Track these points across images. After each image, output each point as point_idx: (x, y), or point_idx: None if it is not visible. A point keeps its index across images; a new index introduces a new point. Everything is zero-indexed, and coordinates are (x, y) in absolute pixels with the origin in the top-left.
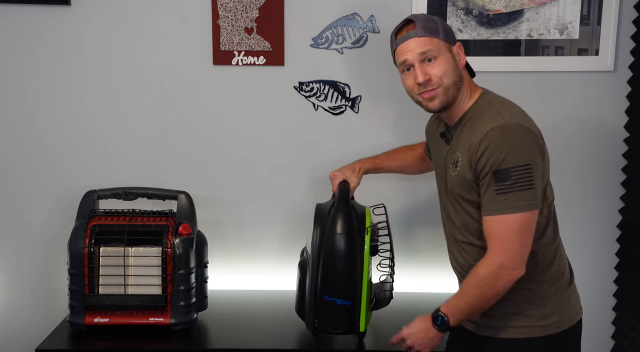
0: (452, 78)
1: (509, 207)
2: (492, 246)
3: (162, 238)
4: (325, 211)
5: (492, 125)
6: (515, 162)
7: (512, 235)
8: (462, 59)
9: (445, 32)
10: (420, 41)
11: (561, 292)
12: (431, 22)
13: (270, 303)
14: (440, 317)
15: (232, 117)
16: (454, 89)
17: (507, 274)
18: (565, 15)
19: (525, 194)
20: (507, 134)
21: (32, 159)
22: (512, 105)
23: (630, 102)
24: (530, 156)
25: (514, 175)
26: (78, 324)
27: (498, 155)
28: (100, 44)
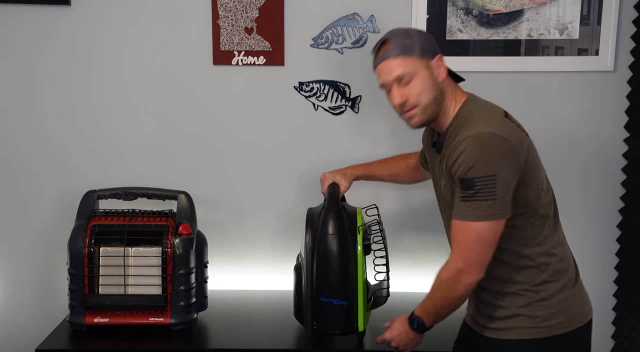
0: (430, 96)
1: (469, 215)
2: (453, 250)
3: (162, 238)
4: (316, 214)
5: (467, 134)
6: (479, 172)
7: (471, 242)
8: (442, 71)
9: (423, 47)
10: (396, 63)
11: (566, 292)
12: (406, 39)
13: (270, 303)
14: (416, 320)
15: (232, 117)
16: (433, 106)
17: (465, 278)
18: (565, 15)
19: (486, 205)
20: (477, 143)
21: (31, 159)
22: (492, 112)
23: (630, 102)
24: (496, 167)
25: (477, 185)
26: (78, 324)
27: (466, 164)
28: (100, 44)
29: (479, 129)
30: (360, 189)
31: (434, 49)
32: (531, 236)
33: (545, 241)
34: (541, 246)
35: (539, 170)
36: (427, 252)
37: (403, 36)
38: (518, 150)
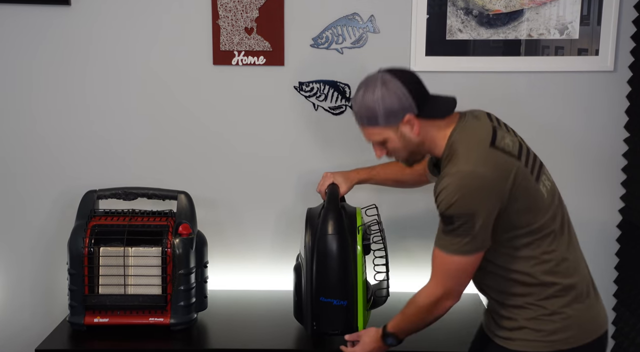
0: (406, 152)
1: (449, 248)
2: (433, 277)
3: (162, 238)
4: (315, 214)
5: (448, 171)
6: (458, 210)
7: (451, 273)
8: (415, 129)
9: (386, 116)
10: (365, 131)
11: (574, 307)
12: (369, 111)
13: (270, 303)
14: (390, 337)
15: (232, 117)
16: (413, 156)
17: (445, 303)
18: (565, 15)
19: (465, 240)
20: (456, 182)
21: (32, 159)
22: (475, 145)
23: (630, 102)
24: (475, 205)
25: (456, 222)
26: (78, 324)
27: (446, 202)
28: (101, 44)
29: (459, 166)
30: (360, 189)
31: (402, 109)
32: (531, 256)
33: (549, 258)
34: (544, 264)
35: (531, 192)
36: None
37: (363, 108)
38: (499, 185)
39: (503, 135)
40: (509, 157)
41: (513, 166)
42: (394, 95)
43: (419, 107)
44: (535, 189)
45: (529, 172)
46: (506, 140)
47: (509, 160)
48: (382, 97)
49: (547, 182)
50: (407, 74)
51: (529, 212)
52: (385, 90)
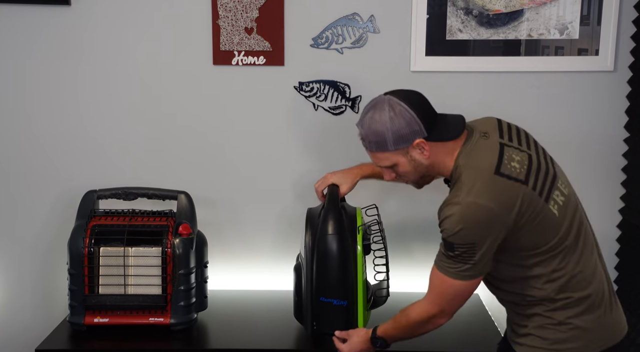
0: (416, 176)
1: (449, 271)
2: (429, 295)
3: (162, 238)
4: (316, 214)
5: (452, 200)
6: (460, 240)
7: (448, 295)
8: (425, 152)
9: (395, 140)
10: (374, 155)
11: (583, 318)
12: (377, 136)
13: (270, 303)
14: (380, 341)
15: (232, 117)
16: (424, 179)
17: (437, 321)
18: (565, 15)
19: (465, 267)
20: (459, 213)
21: (32, 159)
22: (479, 172)
23: (630, 102)
24: (477, 235)
25: (457, 250)
26: (78, 324)
27: (449, 231)
28: (100, 43)
29: (462, 196)
30: (360, 189)
31: (411, 133)
32: (542, 273)
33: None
34: (555, 282)
35: (539, 216)
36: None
37: (373, 134)
38: (503, 216)
39: (511, 156)
40: (514, 183)
41: (519, 194)
42: (402, 120)
43: (428, 130)
44: (545, 211)
45: (537, 195)
46: (513, 162)
47: (515, 187)
48: (391, 122)
49: (560, 197)
50: (414, 96)
51: (538, 235)
52: (393, 114)
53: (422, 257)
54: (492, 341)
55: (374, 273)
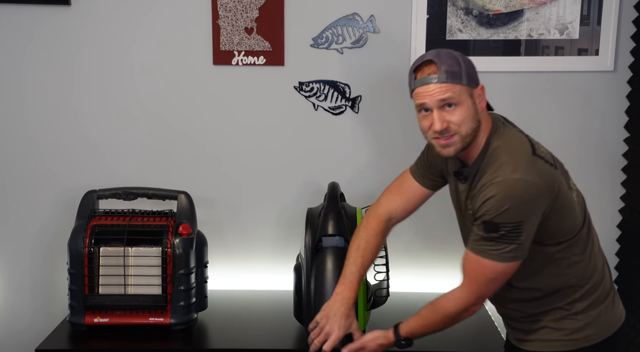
0: (470, 126)
1: (490, 255)
2: (465, 283)
3: (162, 238)
4: (316, 214)
5: (494, 179)
6: (506, 219)
7: (486, 280)
8: (482, 102)
9: (469, 76)
10: (442, 88)
11: (597, 306)
12: (455, 66)
13: (270, 303)
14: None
15: (232, 117)
16: (471, 137)
17: (473, 310)
18: (565, 15)
19: (509, 248)
20: (506, 191)
21: (32, 159)
22: (519, 152)
23: (630, 102)
24: (524, 214)
25: (503, 230)
26: (78, 324)
27: (494, 211)
28: (101, 43)
29: (506, 174)
30: (360, 189)
31: (477, 78)
32: (567, 262)
33: (580, 260)
34: (577, 268)
35: (568, 201)
36: (427, 252)
37: (451, 61)
38: (547, 194)
39: (538, 143)
40: (549, 167)
41: (555, 175)
42: (470, 63)
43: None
44: (570, 197)
45: (565, 180)
46: (542, 148)
47: (550, 169)
48: (464, 60)
49: (575, 187)
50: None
51: (564, 220)
52: (462, 56)
53: (422, 257)
54: (493, 342)
55: (374, 273)
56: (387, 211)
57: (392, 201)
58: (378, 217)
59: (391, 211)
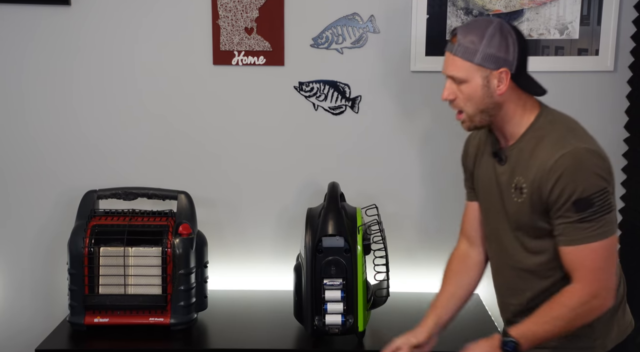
0: (476, 107)
1: (595, 235)
2: (582, 277)
3: (162, 238)
4: (316, 214)
5: (560, 152)
6: (594, 188)
7: (602, 263)
8: (502, 87)
9: (485, 56)
10: (453, 61)
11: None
12: (475, 42)
13: (270, 303)
14: (512, 342)
15: (232, 117)
16: (480, 117)
17: (600, 305)
18: (565, 15)
19: (607, 219)
20: (579, 161)
21: (32, 159)
22: (576, 126)
23: (630, 102)
24: (605, 180)
25: (596, 202)
26: (78, 324)
27: (575, 184)
28: (101, 43)
29: (574, 144)
30: (360, 189)
31: (503, 60)
32: None
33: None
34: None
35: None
36: (427, 252)
37: (473, 37)
38: (609, 162)
39: None
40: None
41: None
42: (503, 43)
43: (517, 69)
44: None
45: None
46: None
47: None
48: (492, 38)
49: None
50: (522, 36)
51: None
52: (498, 34)
53: (422, 257)
54: None
55: (374, 273)
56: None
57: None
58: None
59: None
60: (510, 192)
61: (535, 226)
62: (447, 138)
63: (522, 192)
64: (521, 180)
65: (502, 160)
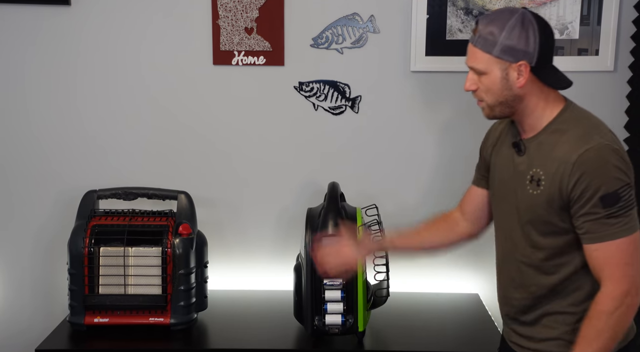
0: (495, 98)
1: (623, 231)
2: (610, 275)
3: (162, 238)
4: (316, 214)
5: (585, 147)
6: (619, 183)
7: (630, 258)
8: (521, 80)
9: (504, 48)
10: (473, 52)
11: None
12: (494, 34)
13: (270, 303)
14: None
15: (232, 117)
16: (501, 107)
17: (633, 303)
18: (565, 15)
19: (633, 214)
20: (603, 156)
21: (32, 158)
22: (600, 124)
23: (630, 102)
24: (627, 176)
25: (623, 196)
26: (78, 324)
27: (600, 179)
28: (101, 43)
29: (598, 140)
30: (360, 189)
31: (523, 53)
32: None
33: None
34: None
35: None
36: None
37: (493, 28)
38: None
39: None
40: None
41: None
42: (523, 36)
43: (538, 62)
44: None
45: None
46: None
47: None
48: (512, 30)
49: None
50: (546, 27)
51: None
52: (519, 26)
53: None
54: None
55: (374, 273)
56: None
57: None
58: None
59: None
60: (525, 184)
61: (546, 221)
62: (448, 138)
63: (539, 185)
64: (539, 172)
65: (521, 151)
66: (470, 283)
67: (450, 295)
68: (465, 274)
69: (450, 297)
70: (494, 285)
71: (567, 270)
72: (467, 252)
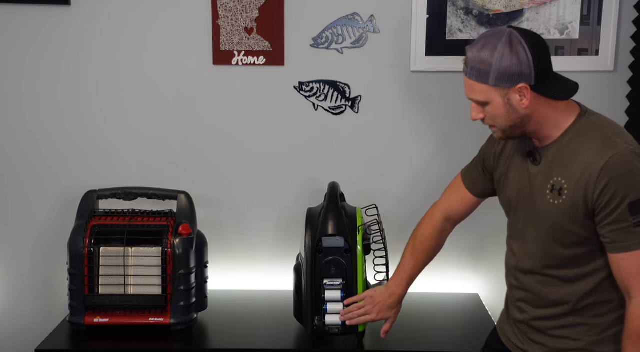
0: (505, 123)
1: None
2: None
3: (162, 238)
4: (316, 214)
5: (611, 152)
6: None
7: None
8: (525, 101)
9: (499, 76)
10: (470, 85)
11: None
12: (482, 64)
13: (270, 303)
14: None
15: (232, 117)
16: (511, 129)
17: None
18: (565, 15)
19: None
20: (631, 162)
21: (32, 159)
22: (621, 130)
23: (630, 102)
24: None
25: None
26: (78, 324)
27: (628, 186)
28: (101, 43)
29: (623, 145)
30: (360, 189)
31: (519, 75)
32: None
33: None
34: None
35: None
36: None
37: (483, 56)
38: None
39: None
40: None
41: None
42: (515, 59)
43: (537, 79)
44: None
45: None
46: None
47: None
48: (502, 56)
49: None
50: (537, 40)
51: None
52: (508, 49)
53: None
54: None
55: (374, 273)
56: (443, 211)
57: (447, 202)
58: (432, 219)
59: (446, 210)
60: (544, 194)
61: (568, 231)
62: (448, 138)
63: (560, 193)
64: (561, 181)
65: (537, 160)
66: (470, 283)
67: (450, 295)
68: (465, 274)
69: (450, 297)
70: (494, 285)
71: (589, 280)
72: (467, 252)
